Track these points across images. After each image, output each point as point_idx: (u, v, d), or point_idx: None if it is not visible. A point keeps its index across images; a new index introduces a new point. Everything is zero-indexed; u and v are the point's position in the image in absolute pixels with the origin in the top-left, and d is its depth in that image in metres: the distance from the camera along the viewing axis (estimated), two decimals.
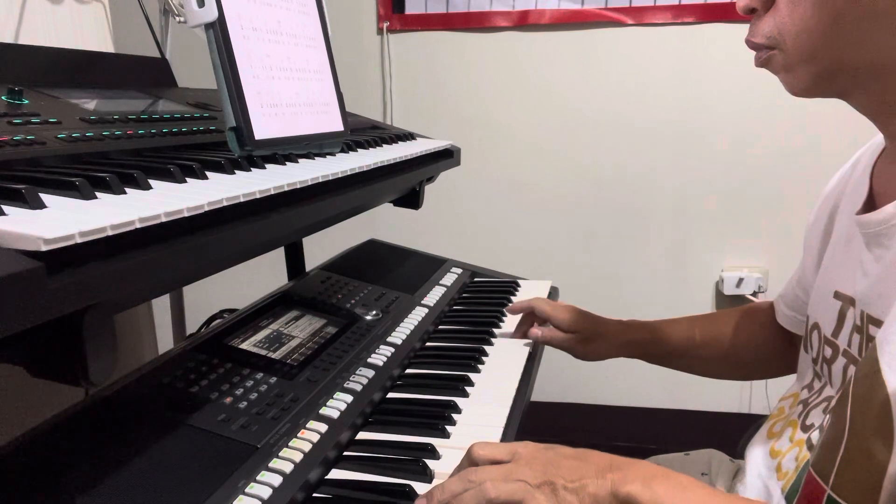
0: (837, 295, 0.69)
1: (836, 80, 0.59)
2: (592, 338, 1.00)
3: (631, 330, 1.01)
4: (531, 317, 1.05)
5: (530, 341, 1.02)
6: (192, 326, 1.37)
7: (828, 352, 0.70)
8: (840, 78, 0.58)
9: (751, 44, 0.62)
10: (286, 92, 0.82)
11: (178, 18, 1.27)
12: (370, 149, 1.01)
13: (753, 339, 0.96)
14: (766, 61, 0.61)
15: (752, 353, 0.97)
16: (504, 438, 0.77)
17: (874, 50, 0.55)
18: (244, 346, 0.85)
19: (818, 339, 0.72)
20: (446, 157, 1.23)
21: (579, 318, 1.01)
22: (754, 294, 1.91)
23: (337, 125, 0.93)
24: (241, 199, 0.58)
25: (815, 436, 0.66)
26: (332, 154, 0.90)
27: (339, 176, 0.78)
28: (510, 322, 1.10)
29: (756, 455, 0.75)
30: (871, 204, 0.67)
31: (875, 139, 0.71)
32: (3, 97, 0.70)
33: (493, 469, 0.60)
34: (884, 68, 0.56)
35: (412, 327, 1.01)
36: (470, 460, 0.62)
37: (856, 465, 0.52)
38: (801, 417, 0.71)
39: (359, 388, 0.81)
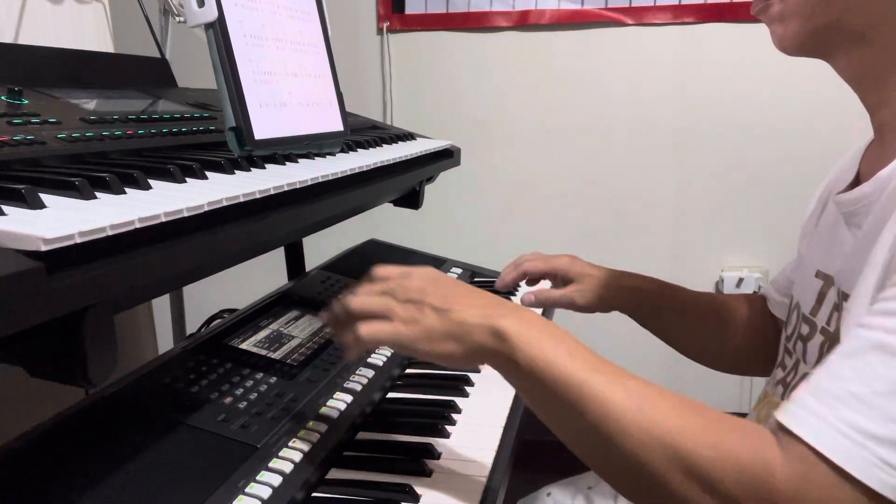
0: (818, 274, 0.69)
1: (825, 40, 0.60)
2: (593, 284, 0.95)
3: (637, 278, 0.97)
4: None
5: None
6: (192, 326, 1.37)
7: (804, 329, 0.70)
8: (829, 38, 0.60)
9: None
10: (286, 92, 0.82)
11: (178, 18, 1.27)
12: (370, 149, 1.01)
13: (751, 322, 0.95)
14: (763, 9, 0.63)
15: (747, 340, 0.95)
16: (504, 438, 0.77)
17: (866, 14, 0.57)
18: (244, 346, 0.85)
19: (797, 317, 0.73)
20: (446, 157, 1.23)
21: (575, 261, 1.01)
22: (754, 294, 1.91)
23: (337, 125, 0.93)
24: (241, 199, 0.58)
25: None
26: (332, 154, 0.90)
27: (339, 176, 0.78)
28: None
29: None
30: (855, 185, 0.67)
31: None
32: (3, 97, 0.70)
33: (370, 285, 0.63)
34: (872, 33, 0.57)
35: None
36: (369, 279, 0.65)
37: None
38: (783, 398, 0.71)
39: (359, 388, 0.81)
